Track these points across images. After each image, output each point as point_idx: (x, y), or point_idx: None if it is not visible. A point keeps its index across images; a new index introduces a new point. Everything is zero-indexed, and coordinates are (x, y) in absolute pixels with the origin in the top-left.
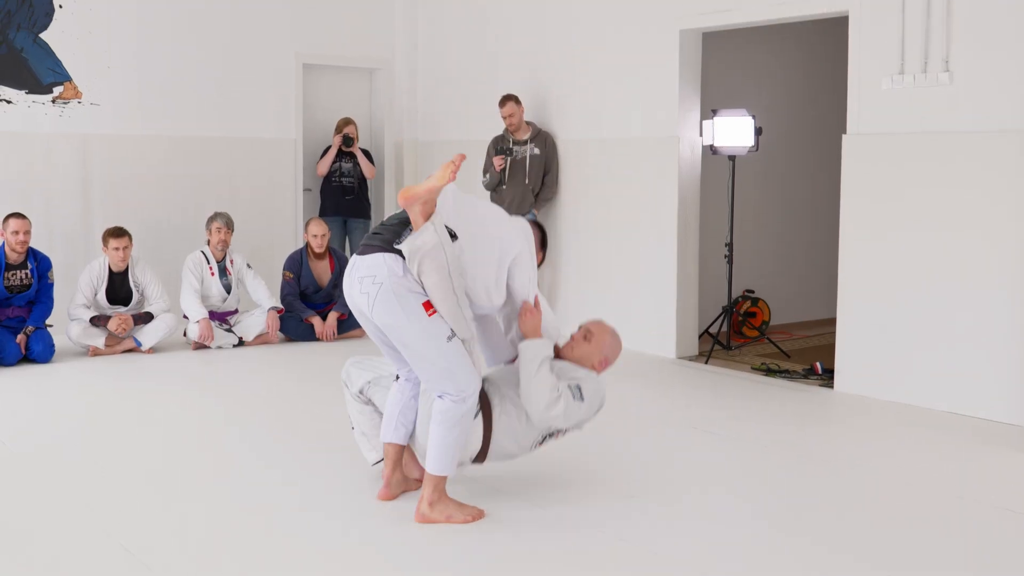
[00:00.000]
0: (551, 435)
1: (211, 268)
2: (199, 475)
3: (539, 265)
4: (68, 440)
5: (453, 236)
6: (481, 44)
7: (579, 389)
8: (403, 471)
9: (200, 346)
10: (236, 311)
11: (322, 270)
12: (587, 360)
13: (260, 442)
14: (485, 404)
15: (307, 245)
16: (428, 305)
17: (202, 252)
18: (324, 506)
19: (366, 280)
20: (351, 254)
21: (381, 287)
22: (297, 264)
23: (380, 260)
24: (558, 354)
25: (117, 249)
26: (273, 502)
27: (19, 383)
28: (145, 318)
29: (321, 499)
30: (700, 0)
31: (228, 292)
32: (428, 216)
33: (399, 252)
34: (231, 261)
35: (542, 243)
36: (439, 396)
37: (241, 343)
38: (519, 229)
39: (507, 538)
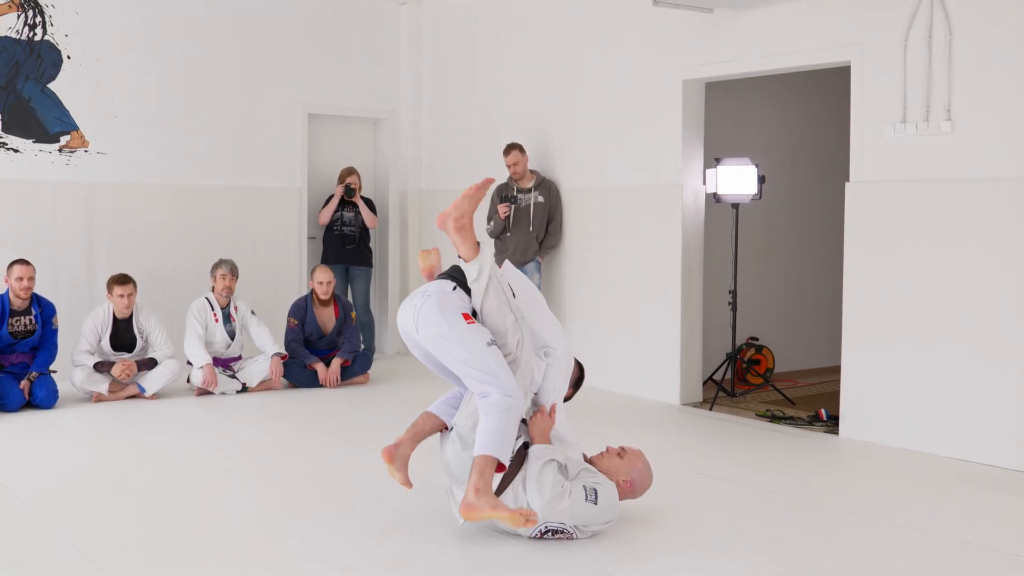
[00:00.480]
0: (555, 531)
1: (215, 314)
2: (196, 523)
3: (565, 400)
4: (68, 487)
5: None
6: (485, 94)
7: (595, 492)
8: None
9: (204, 392)
10: (240, 357)
11: (326, 317)
12: (614, 474)
13: (262, 491)
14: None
15: (312, 292)
16: (468, 316)
17: (206, 298)
18: (325, 556)
19: (417, 295)
20: (353, 300)
21: (428, 298)
22: (302, 311)
23: (435, 282)
24: (588, 461)
25: (122, 296)
26: (274, 551)
27: (22, 429)
28: (149, 364)
29: (323, 549)
30: (703, 51)
31: (232, 338)
32: (462, 228)
33: (454, 279)
34: (235, 308)
35: (578, 381)
36: (483, 396)
37: (245, 389)
38: (566, 341)
39: None
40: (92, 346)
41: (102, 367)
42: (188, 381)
